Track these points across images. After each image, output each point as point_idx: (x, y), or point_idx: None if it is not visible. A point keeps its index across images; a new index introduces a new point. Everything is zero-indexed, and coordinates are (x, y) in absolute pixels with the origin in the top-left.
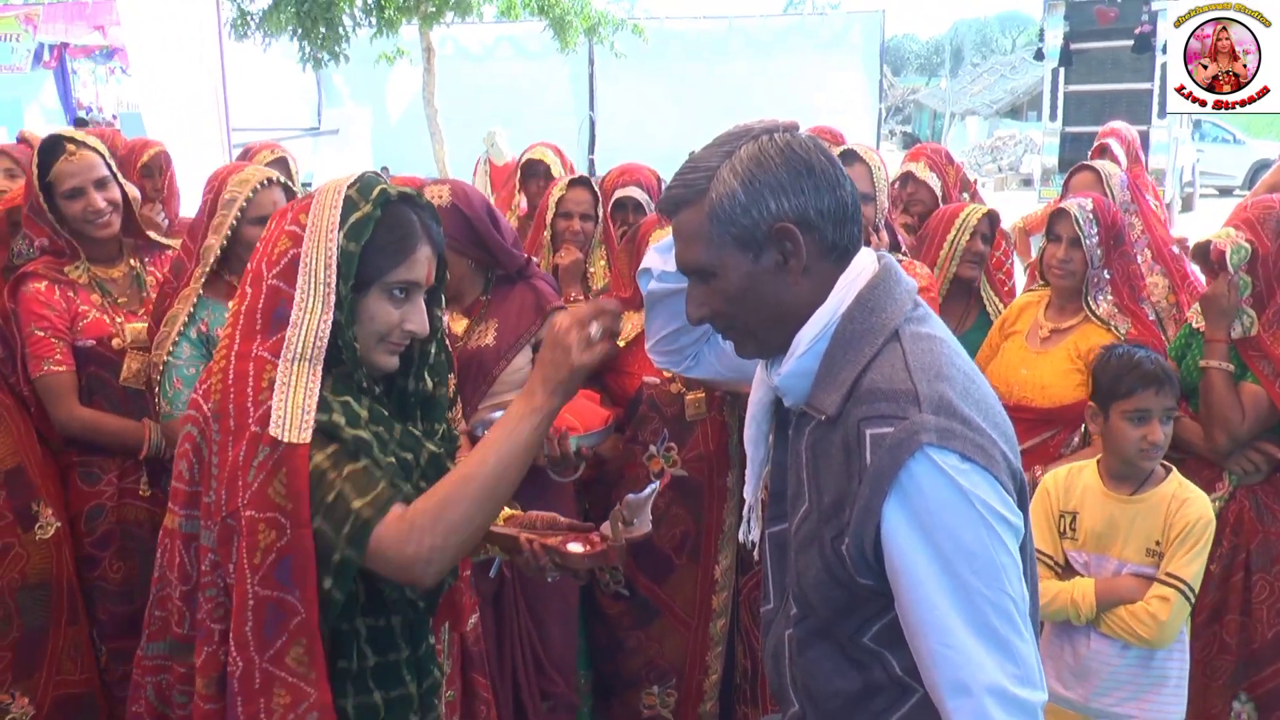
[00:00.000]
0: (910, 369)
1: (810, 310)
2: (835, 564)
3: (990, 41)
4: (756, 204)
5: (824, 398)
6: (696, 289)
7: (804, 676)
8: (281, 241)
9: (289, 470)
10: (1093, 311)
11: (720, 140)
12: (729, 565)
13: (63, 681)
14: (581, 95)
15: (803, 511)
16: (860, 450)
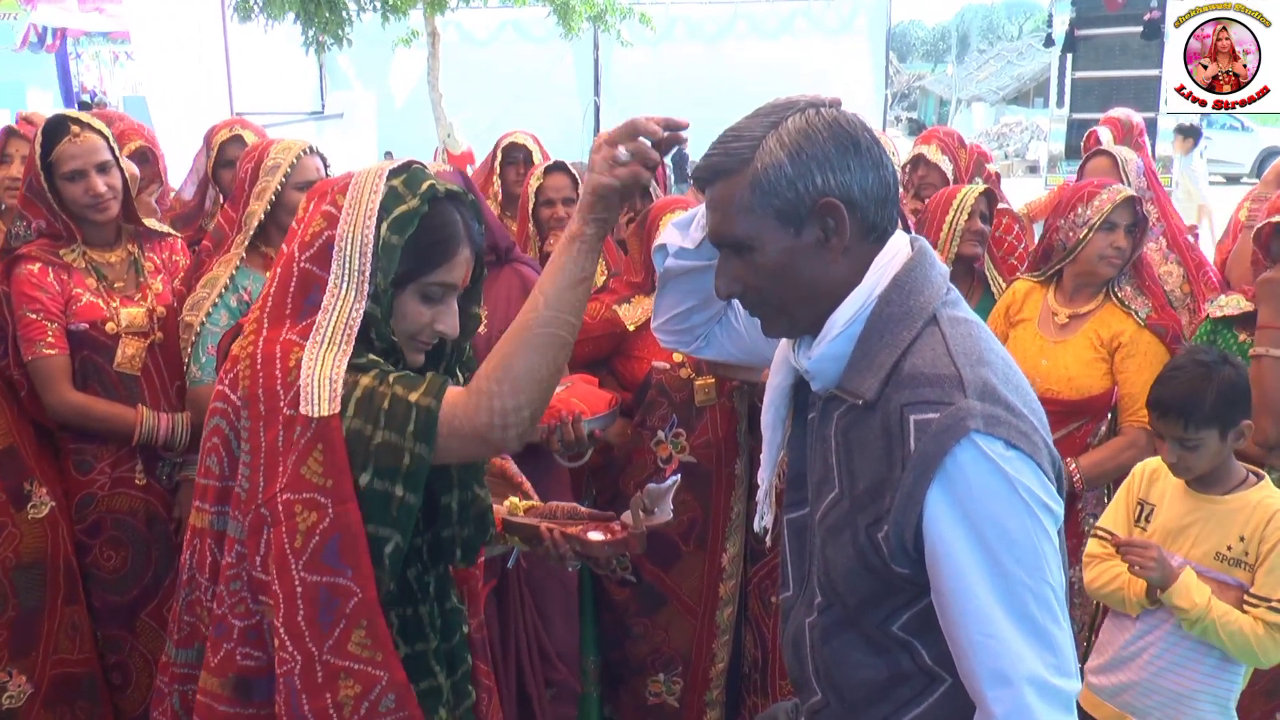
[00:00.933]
0: (952, 353)
1: (846, 290)
2: (870, 552)
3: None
4: (803, 177)
5: (860, 381)
6: (730, 262)
7: (828, 665)
8: (316, 222)
9: (325, 445)
10: (1115, 294)
11: (763, 110)
12: (736, 553)
13: (61, 660)
14: (586, 80)
15: (831, 498)
16: (904, 436)
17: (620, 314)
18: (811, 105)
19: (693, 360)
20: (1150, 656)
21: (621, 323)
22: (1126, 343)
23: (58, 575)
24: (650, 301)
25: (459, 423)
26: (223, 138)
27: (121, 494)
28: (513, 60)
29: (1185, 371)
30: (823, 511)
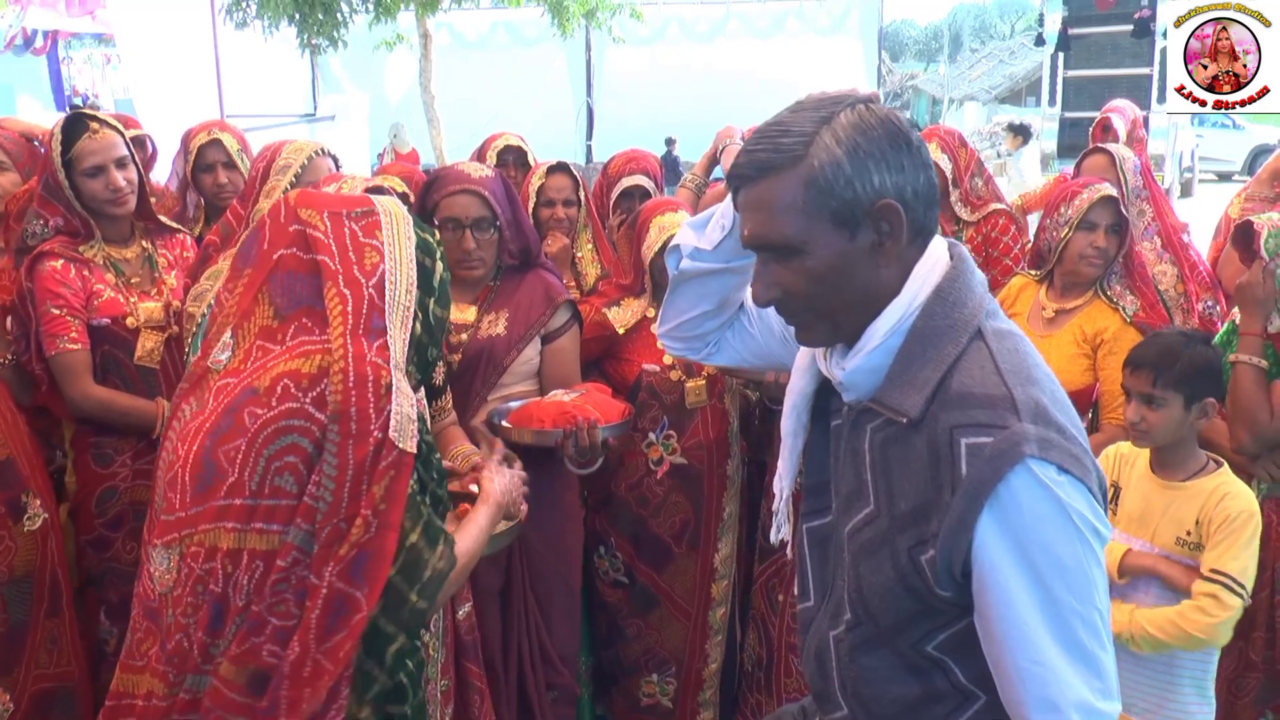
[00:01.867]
0: (1001, 372)
1: (890, 298)
2: (911, 574)
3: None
4: (861, 176)
5: (903, 398)
6: (770, 267)
7: (856, 682)
8: (370, 255)
9: (396, 475)
10: (1103, 290)
11: (808, 105)
12: (729, 553)
13: (40, 676)
14: (579, 81)
15: (865, 513)
16: (954, 460)
17: (610, 317)
18: (856, 100)
19: (683, 362)
20: (1128, 649)
21: (611, 325)
22: (1109, 339)
23: (43, 589)
24: (639, 304)
25: None
26: (200, 141)
27: (144, 485)
28: (505, 61)
29: (1166, 336)
30: (855, 526)
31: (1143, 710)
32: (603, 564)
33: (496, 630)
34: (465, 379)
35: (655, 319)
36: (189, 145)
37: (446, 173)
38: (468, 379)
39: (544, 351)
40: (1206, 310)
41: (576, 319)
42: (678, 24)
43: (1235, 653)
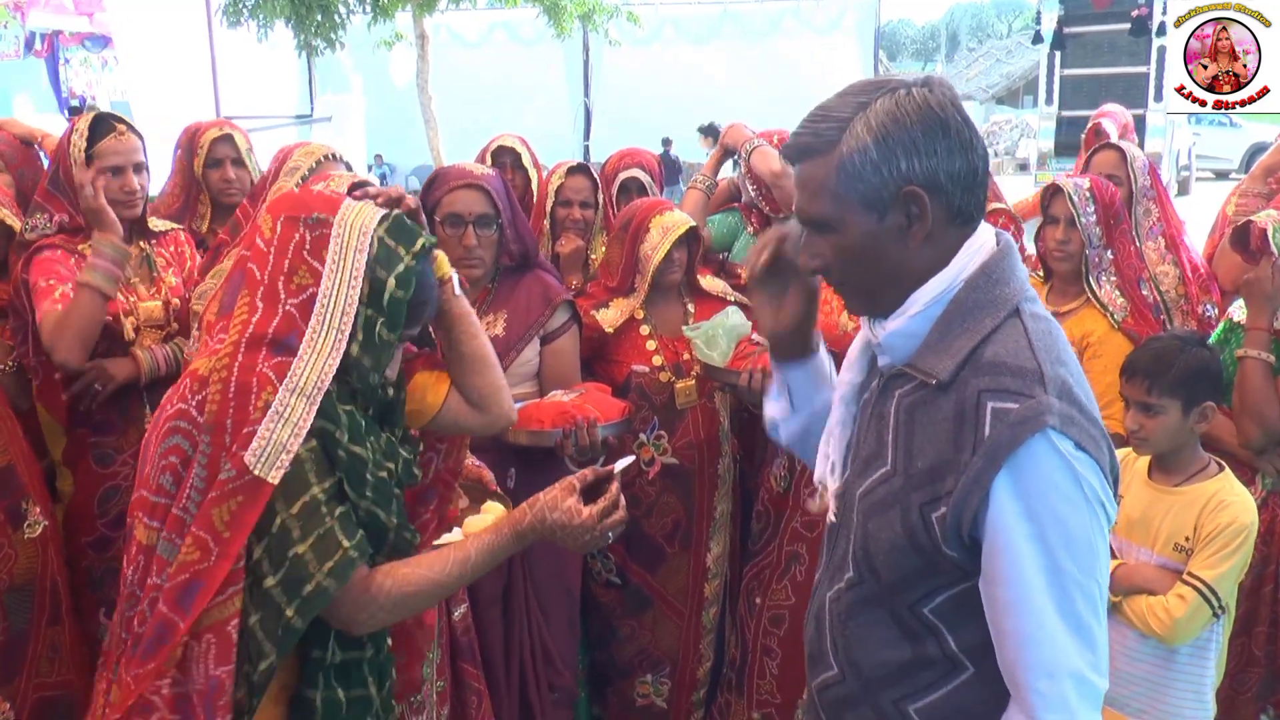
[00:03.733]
0: (1034, 347)
1: (928, 274)
2: (920, 530)
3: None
4: (887, 163)
5: (936, 362)
6: (815, 240)
7: (849, 642)
8: (302, 274)
9: (245, 501)
10: (1093, 293)
11: (855, 90)
12: (720, 553)
13: (41, 684)
14: (576, 82)
15: (880, 473)
16: (978, 421)
17: (599, 318)
18: (902, 86)
19: (672, 363)
20: (1125, 646)
21: (600, 327)
22: (1095, 343)
23: (45, 597)
24: (629, 304)
25: (341, 606)
26: (213, 135)
27: None
28: (502, 62)
29: (1160, 341)
30: (868, 486)
31: (1136, 710)
32: (595, 565)
33: (498, 631)
34: None
35: (644, 319)
36: (199, 141)
37: (448, 170)
38: None
39: (543, 352)
40: (1205, 313)
41: (575, 319)
42: (674, 24)
43: (1238, 648)
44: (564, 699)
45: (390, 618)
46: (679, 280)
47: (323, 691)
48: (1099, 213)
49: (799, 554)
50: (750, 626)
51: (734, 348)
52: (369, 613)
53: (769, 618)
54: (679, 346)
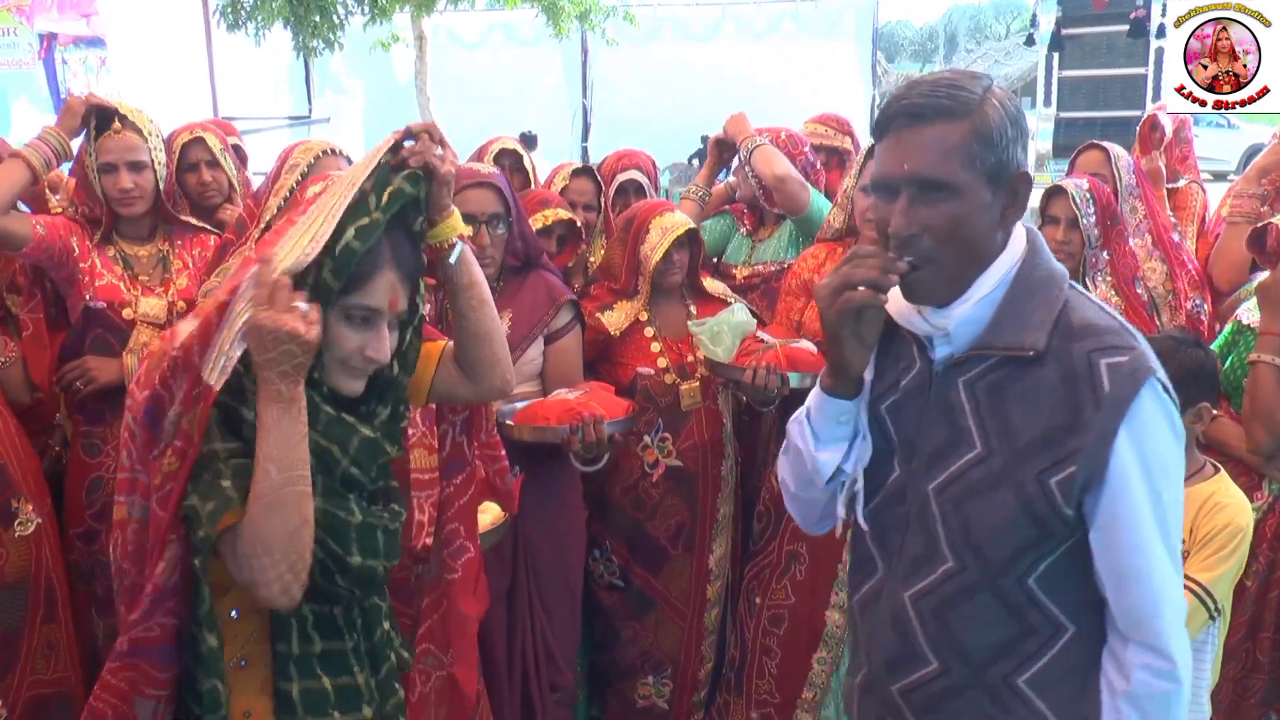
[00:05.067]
0: (1104, 310)
1: (993, 258)
2: (1039, 499)
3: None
4: (1013, 144)
5: (1023, 336)
6: (916, 206)
7: (951, 632)
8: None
9: (203, 405)
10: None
11: (957, 75)
12: (723, 554)
13: (36, 682)
14: (575, 82)
15: (969, 458)
16: (1094, 379)
17: (604, 321)
18: (989, 79)
19: (677, 365)
20: None
21: (605, 329)
22: None
23: (39, 594)
24: (633, 306)
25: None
26: (183, 140)
27: None
28: (501, 63)
29: (1156, 342)
30: (952, 474)
31: None
32: (598, 567)
33: (500, 629)
34: None
35: (648, 321)
36: (171, 146)
37: (456, 170)
38: None
39: (547, 351)
40: (1194, 309)
41: (579, 319)
42: (673, 25)
43: (1242, 654)
44: (565, 699)
45: (271, 554)
46: (680, 282)
47: (299, 682)
48: (1097, 213)
49: (799, 553)
50: (750, 626)
51: (739, 344)
52: (250, 567)
53: (768, 617)
54: (683, 348)
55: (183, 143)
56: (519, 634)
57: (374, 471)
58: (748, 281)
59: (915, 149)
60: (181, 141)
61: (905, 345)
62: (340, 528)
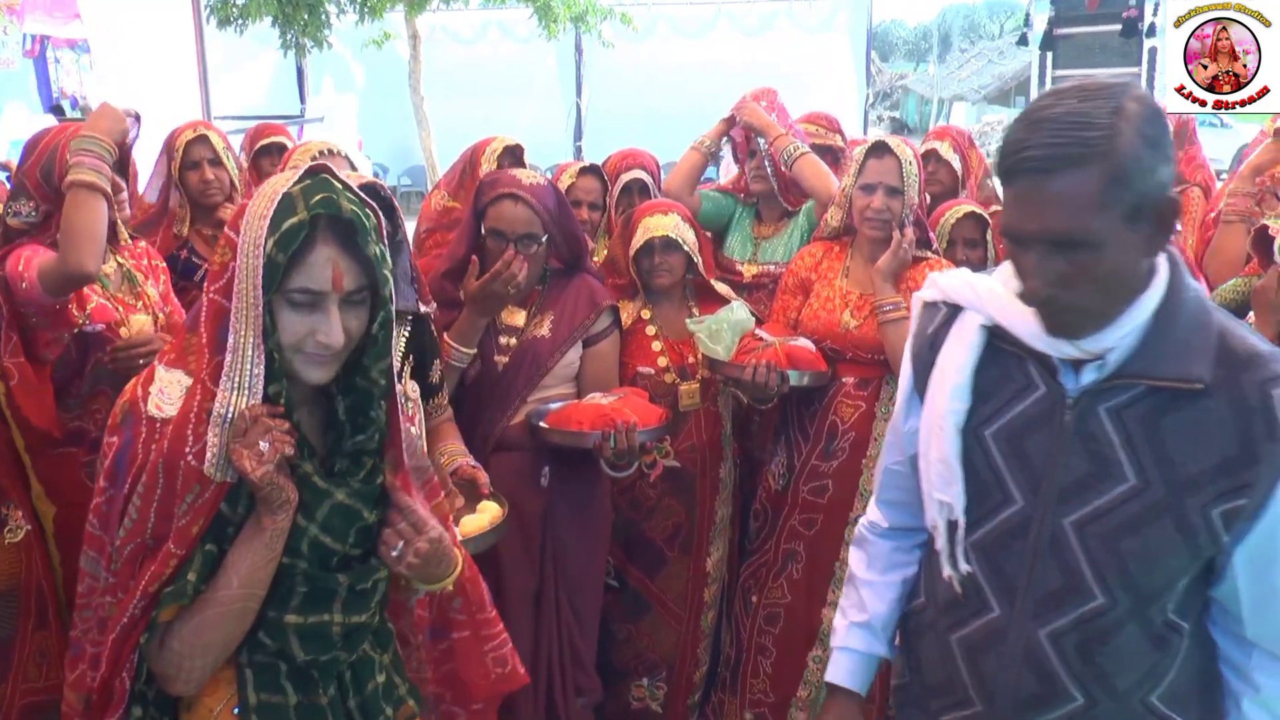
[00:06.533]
0: (1256, 332)
1: (1145, 282)
2: (1201, 530)
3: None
4: (1155, 169)
5: (1186, 366)
6: (1052, 261)
7: (1100, 666)
8: (222, 250)
9: (210, 503)
10: None
11: (1088, 92)
12: (720, 557)
13: (29, 690)
14: (569, 80)
15: (1121, 491)
16: (1269, 410)
17: None
18: (1125, 87)
19: (677, 365)
20: None
21: None
22: None
23: (30, 601)
24: (634, 305)
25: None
26: (187, 138)
27: None
28: (496, 61)
29: None
30: (1100, 508)
31: None
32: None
33: (527, 633)
34: (507, 379)
35: (650, 320)
36: (174, 143)
37: (499, 176)
38: (509, 379)
39: (584, 354)
40: None
41: (617, 324)
42: (667, 22)
43: None
44: (590, 701)
45: (204, 657)
46: (667, 284)
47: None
48: None
49: (796, 552)
50: (746, 625)
51: (738, 342)
52: (175, 664)
53: (764, 616)
54: (684, 349)
55: (186, 140)
56: (545, 637)
57: (351, 538)
58: (756, 280)
59: (1043, 205)
60: (185, 139)
61: (1019, 366)
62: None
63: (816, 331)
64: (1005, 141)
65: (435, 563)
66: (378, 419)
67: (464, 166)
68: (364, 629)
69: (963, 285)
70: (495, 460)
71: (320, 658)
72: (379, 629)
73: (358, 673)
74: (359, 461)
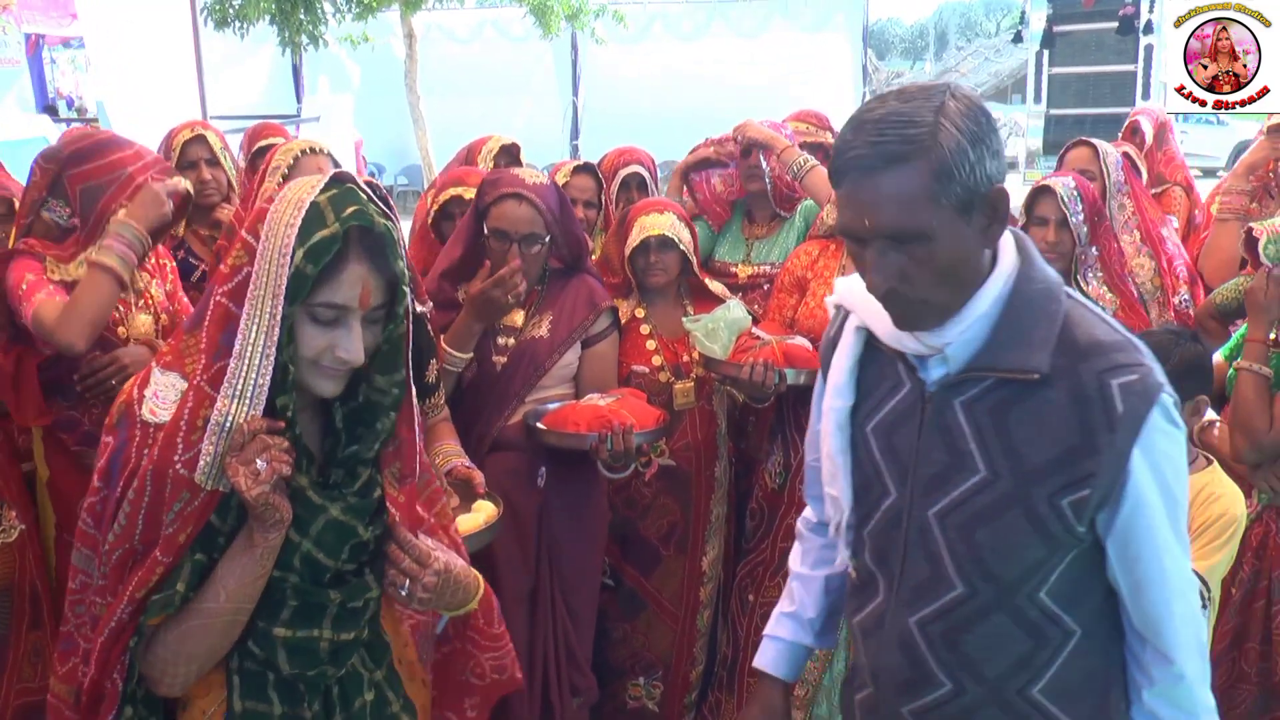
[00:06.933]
0: (1106, 321)
1: (986, 274)
2: (1051, 519)
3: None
4: (980, 163)
5: (1025, 357)
6: (889, 256)
7: (965, 655)
8: (237, 254)
9: (200, 512)
10: (1082, 291)
11: (909, 94)
12: (716, 556)
13: (24, 689)
14: (565, 80)
15: (974, 483)
16: (1106, 401)
17: None
18: (947, 88)
19: (671, 364)
20: None
21: None
22: None
23: (24, 601)
24: (628, 304)
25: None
26: (184, 138)
27: None
28: (492, 60)
29: (1155, 336)
30: (956, 499)
31: None
32: None
33: (522, 631)
34: (505, 379)
35: (645, 319)
36: (172, 143)
37: (501, 176)
38: (506, 379)
39: (583, 355)
40: (1183, 304)
41: (616, 325)
42: (663, 22)
43: (1228, 664)
44: (587, 700)
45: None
46: (662, 283)
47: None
48: (1085, 211)
49: None
50: (742, 623)
51: (734, 341)
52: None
53: (761, 614)
54: (679, 347)
55: (183, 140)
56: (540, 636)
57: (344, 555)
58: (751, 281)
59: (873, 203)
60: (182, 139)
61: (890, 364)
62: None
63: (813, 330)
64: (834, 146)
65: (448, 592)
66: (382, 429)
67: (460, 165)
68: (353, 645)
69: (846, 289)
70: (491, 460)
71: (306, 672)
72: (372, 643)
73: (345, 689)
74: (354, 472)
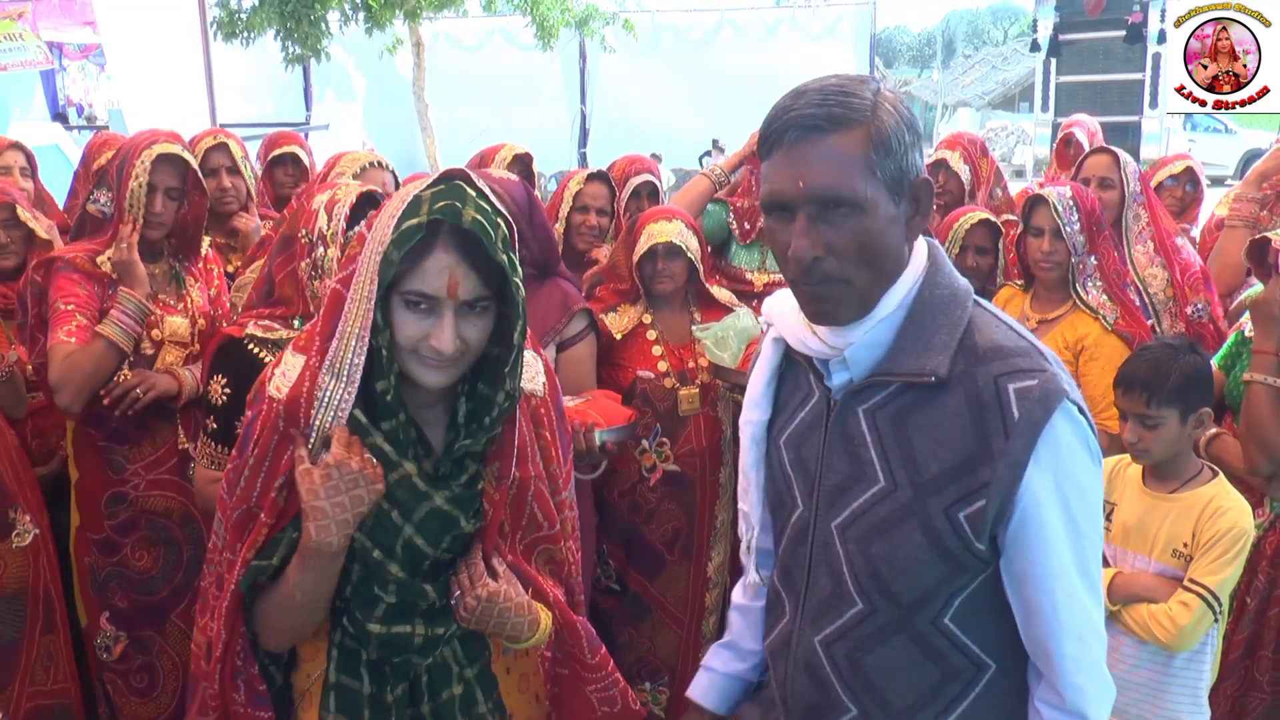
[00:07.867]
0: (1013, 328)
1: (898, 274)
2: (948, 534)
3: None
4: (912, 149)
5: (924, 361)
6: (818, 225)
7: (868, 678)
8: (354, 244)
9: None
10: (1081, 300)
11: (844, 78)
12: (721, 562)
13: (36, 693)
14: (573, 88)
15: (873, 494)
16: (1002, 406)
17: (607, 322)
18: (880, 79)
19: (677, 369)
20: (1122, 653)
21: (608, 331)
22: (1090, 345)
23: (38, 605)
24: (636, 310)
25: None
26: (207, 145)
27: (158, 495)
28: (499, 68)
29: (1153, 351)
30: (855, 511)
31: (1136, 716)
32: (595, 571)
33: None
34: None
35: (651, 325)
36: (193, 150)
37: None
38: None
39: (559, 359)
40: (1196, 313)
41: (593, 327)
42: (671, 31)
43: (1240, 672)
44: None
45: (278, 639)
46: (669, 290)
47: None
48: (1082, 220)
49: None
50: None
51: (744, 350)
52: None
53: None
54: (684, 353)
55: (206, 147)
56: None
57: (444, 544)
58: (768, 289)
59: (811, 164)
60: (205, 146)
61: (802, 374)
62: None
63: None
64: (770, 113)
65: (492, 621)
66: (490, 427)
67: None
68: (443, 639)
69: (773, 302)
70: None
71: (392, 658)
72: (468, 640)
73: (434, 679)
74: (462, 464)
